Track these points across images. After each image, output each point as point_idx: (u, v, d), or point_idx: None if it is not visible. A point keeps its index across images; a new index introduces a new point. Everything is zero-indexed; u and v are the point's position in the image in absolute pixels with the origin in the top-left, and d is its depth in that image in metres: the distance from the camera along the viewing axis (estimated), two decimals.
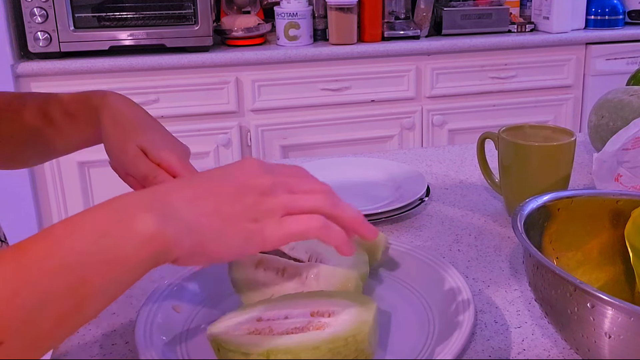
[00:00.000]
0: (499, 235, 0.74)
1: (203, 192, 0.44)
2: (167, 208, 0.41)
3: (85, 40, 2.01)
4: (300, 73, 2.12)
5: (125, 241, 0.39)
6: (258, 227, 0.44)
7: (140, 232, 0.39)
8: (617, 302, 0.42)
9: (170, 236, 0.40)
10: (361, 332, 0.46)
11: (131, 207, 0.41)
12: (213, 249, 0.43)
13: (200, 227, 0.42)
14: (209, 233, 0.42)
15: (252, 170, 0.46)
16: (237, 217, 0.43)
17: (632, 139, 0.73)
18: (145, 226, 0.39)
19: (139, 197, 0.42)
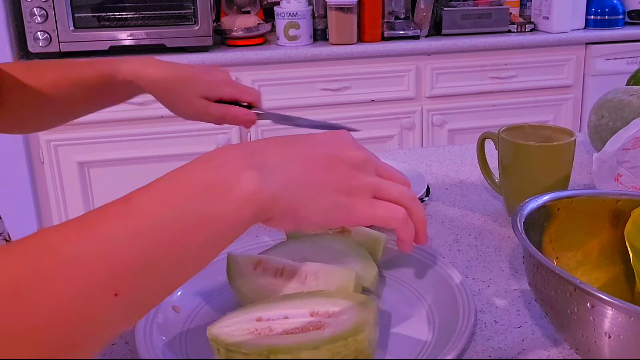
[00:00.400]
0: (499, 235, 0.74)
1: (298, 155, 0.44)
2: (267, 166, 0.41)
3: (85, 40, 2.01)
4: (300, 73, 2.12)
5: (228, 198, 0.39)
6: (348, 201, 0.44)
7: (243, 190, 0.39)
8: (617, 302, 0.42)
9: (270, 194, 0.40)
10: (361, 332, 0.46)
11: (233, 163, 0.40)
12: (303, 213, 0.42)
13: (295, 189, 0.42)
14: (301, 196, 0.42)
15: (345, 142, 0.47)
16: (329, 185, 0.44)
17: (632, 139, 0.73)
18: (247, 183, 0.39)
19: (239, 152, 0.41)
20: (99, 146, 2.03)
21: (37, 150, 2.01)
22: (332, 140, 0.47)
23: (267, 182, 0.40)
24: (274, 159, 0.42)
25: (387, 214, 0.46)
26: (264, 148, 0.43)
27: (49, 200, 2.06)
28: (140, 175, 1.36)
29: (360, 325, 0.47)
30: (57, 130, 2.00)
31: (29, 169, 2.01)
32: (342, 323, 0.47)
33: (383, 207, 0.46)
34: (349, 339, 0.46)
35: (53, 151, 2.01)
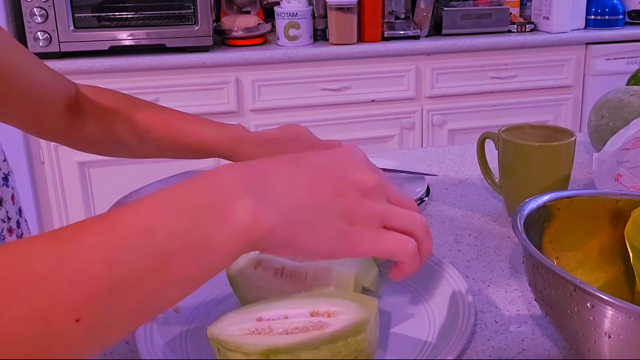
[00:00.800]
0: (499, 235, 0.74)
1: (303, 178, 0.41)
2: (267, 191, 0.38)
3: (85, 40, 2.01)
4: (300, 73, 2.12)
5: (221, 227, 0.36)
6: (352, 232, 0.41)
7: (238, 220, 0.36)
8: (617, 302, 0.42)
9: (267, 227, 0.37)
10: (361, 332, 0.46)
11: (230, 187, 0.37)
12: (303, 243, 0.39)
13: (296, 217, 0.39)
14: (302, 225, 0.39)
15: (357, 162, 0.44)
16: (334, 214, 0.40)
17: (632, 139, 0.73)
18: (243, 214, 0.36)
19: (238, 173, 0.38)
20: None
21: (38, 151, 2.01)
22: (342, 159, 0.44)
23: (265, 212, 0.37)
24: (276, 183, 0.39)
25: (395, 246, 0.43)
26: (266, 169, 0.40)
27: (49, 200, 2.06)
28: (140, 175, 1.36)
29: (360, 325, 0.47)
30: None
31: (29, 169, 2.01)
32: (342, 323, 0.47)
33: (391, 239, 0.43)
34: (349, 339, 0.46)
35: (53, 151, 2.01)
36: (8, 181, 0.70)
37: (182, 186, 0.37)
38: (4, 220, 0.68)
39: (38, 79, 0.74)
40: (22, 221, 0.74)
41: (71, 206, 2.07)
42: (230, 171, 0.38)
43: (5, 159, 0.71)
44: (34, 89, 0.73)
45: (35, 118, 0.76)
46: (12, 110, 0.73)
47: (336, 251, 0.41)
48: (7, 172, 0.71)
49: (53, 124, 0.77)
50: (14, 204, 0.71)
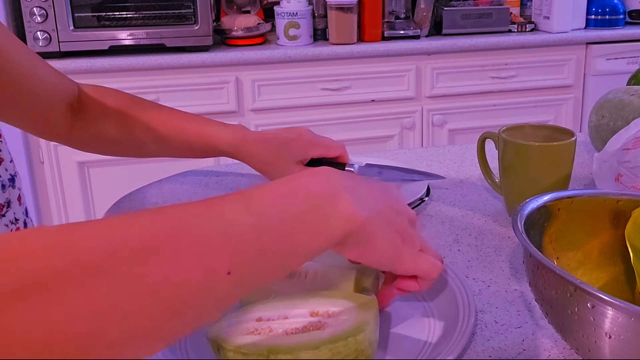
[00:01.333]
0: (499, 235, 0.74)
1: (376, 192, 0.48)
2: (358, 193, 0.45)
3: (85, 39, 2.01)
4: (300, 73, 2.12)
5: (330, 212, 0.42)
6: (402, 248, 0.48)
7: (343, 209, 0.42)
8: (618, 302, 0.42)
9: (360, 220, 0.43)
10: (361, 332, 0.46)
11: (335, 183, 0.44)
12: (374, 245, 0.45)
13: (376, 220, 0.45)
14: (378, 229, 0.45)
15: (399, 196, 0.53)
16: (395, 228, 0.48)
17: (633, 139, 0.73)
18: (346, 204, 0.43)
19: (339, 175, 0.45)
20: None
21: (37, 150, 2.01)
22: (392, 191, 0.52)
23: (359, 208, 0.43)
24: (363, 189, 0.46)
25: (430, 267, 0.51)
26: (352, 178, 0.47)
27: (49, 200, 2.06)
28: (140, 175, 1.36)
29: (360, 325, 0.47)
30: None
31: (28, 169, 2.01)
32: (342, 323, 0.47)
33: (427, 262, 0.51)
34: (349, 339, 0.46)
35: (53, 151, 2.01)
36: (15, 182, 0.70)
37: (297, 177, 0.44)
38: (12, 222, 0.68)
39: (42, 79, 0.74)
40: (29, 221, 0.73)
41: (71, 206, 2.07)
42: (333, 171, 0.46)
43: (11, 159, 0.71)
44: (38, 89, 0.74)
45: (37, 118, 0.77)
46: (16, 110, 0.73)
47: (389, 263, 0.48)
48: (14, 173, 0.71)
49: (55, 124, 0.78)
50: (21, 204, 0.71)
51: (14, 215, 0.69)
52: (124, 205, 0.87)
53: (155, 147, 0.82)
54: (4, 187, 0.67)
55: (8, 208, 0.69)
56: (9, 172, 0.69)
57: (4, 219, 0.67)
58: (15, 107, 0.72)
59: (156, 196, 0.90)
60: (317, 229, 0.41)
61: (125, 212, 0.81)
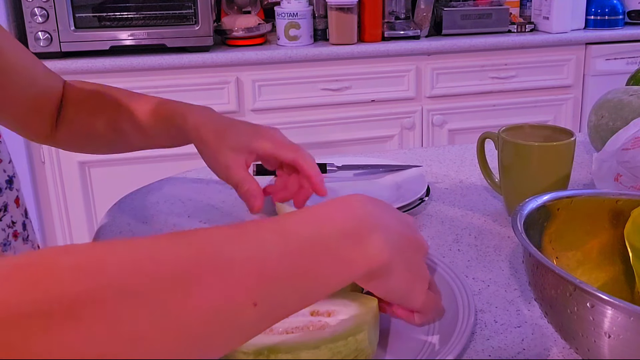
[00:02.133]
0: (499, 235, 0.74)
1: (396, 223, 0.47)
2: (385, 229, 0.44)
3: (85, 40, 2.01)
4: (301, 73, 2.12)
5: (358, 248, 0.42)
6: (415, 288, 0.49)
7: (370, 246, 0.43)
8: (617, 302, 0.42)
9: (385, 259, 0.43)
10: (361, 332, 0.46)
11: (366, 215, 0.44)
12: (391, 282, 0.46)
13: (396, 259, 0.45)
14: (396, 267, 0.45)
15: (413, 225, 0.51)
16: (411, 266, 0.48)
17: (632, 139, 0.73)
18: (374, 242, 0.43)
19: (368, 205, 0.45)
20: None
21: (38, 150, 2.01)
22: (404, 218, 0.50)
23: (385, 246, 0.43)
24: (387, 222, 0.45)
25: (433, 306, 0.51)
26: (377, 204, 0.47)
27: (50, 200, 2.06)
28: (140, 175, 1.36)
29: (360, 325, 0.47)
30: None
31: (29, 169, 2.01)
32: (342, 323, 0.47)
33: (432, 299, 0.51)
34: (349, 339, 0.46)
35: (54, 151, 2.01)
36: (12, 184, 0.69)
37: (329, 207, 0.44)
38: (9, 225, 0.67)
39: (37, 79, 0.74)
40: (28, 222, 0.73)
41: (71, 206, 2.07)
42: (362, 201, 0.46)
43: (10, 160, 0.71)
44: (33, 89, 0.73)
45: (27, 117, 0.76)
46: (8, 109, 0.73)
47: (402, 298, 0.48)
48: (12, 174, 0.70)
49: (40, 123, 0.77)
50: (19, 206, 0.70)
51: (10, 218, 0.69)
52: (125, 205, 0.87)
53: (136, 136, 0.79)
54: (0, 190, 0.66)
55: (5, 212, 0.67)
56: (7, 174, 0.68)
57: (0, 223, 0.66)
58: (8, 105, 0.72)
59: (157, 196, 0.90)
60: (343, 262, 0.41)
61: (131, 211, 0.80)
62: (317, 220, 0.42)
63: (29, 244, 0.71)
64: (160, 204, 0.87)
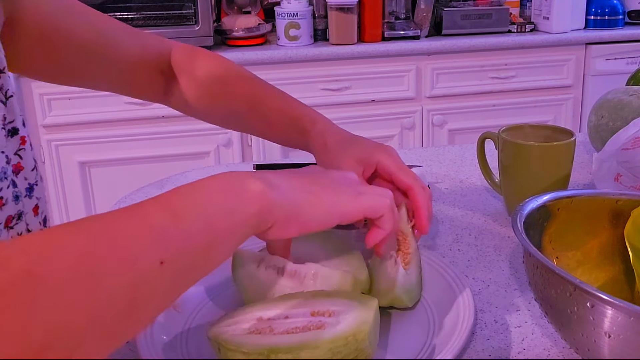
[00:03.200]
0: (499, 235, 0.74)
1: (299, 176, 0.50)
2: (271, 180, 0.47)
3: None
4: (301, 73, 2.12)
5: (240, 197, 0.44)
6: (339, 199, 0.50)
7: (251, 190, 0.44)
8: (617, 302, 0.42)
9: (273, 198, 0.45)
10: (361, 332, 0.46)
11: (242, 175, 0.46)
12: (303, 219, 0.47)
13: (296, 198, 0.47)
14: (301, 204, 0.47)
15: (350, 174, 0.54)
16: (321, 188, 0.49)
17: (632, 139, 0.73)
18: (255, 186, 0.45)
19: (247, 172, 0.47)
20: (100, 146, 2.03)
21: (38, 150, 2.01)
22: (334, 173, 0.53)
23: (270, 190, 0.45)
24: (277, 179, 0.48)
25: (374, 201, 0.51)
26: (267, 173, 0.48)
27: (50, 200, 2.06)
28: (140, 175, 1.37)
29: (360, 325, 0.47)
30: (58, 130, 2.00)
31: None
32: (342, 323, 0.47)
33: (369, 196, 0.51)
34: (349, 339, 0.46)
35: (54, 151, 2.01)
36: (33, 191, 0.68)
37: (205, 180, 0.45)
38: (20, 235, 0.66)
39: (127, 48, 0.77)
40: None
41: (72, 206, 2.07)
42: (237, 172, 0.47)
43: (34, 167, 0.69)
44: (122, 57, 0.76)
45: (128, 84, 0.79)
46: (104, 78, 0.77)
47: (330, 217, 0.49)
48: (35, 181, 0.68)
49: (145, 88, 0.81)
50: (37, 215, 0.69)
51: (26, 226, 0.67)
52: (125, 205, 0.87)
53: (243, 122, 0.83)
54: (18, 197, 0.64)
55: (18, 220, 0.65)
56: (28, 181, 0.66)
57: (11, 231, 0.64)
58: (102, 75, 0.76)
59: None
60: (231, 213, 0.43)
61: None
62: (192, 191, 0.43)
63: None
64: None
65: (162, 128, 2.02)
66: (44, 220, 0.70)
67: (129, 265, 0.36)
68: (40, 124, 1.99)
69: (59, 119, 1.99)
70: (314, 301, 0.50)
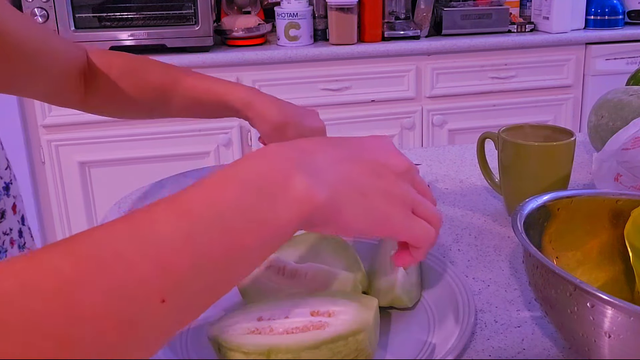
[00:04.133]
0: (499, 235, 0.74)
1: (344, 157, 0.43)
2: (315, 168, 0.40)
3: (85, 40, 2.01)
4: (301, 73, 2.12)
5: (279, 201, 0.37)
6: (389, 212, 0.43)
7: (293, 195, 0.38)
8: (617, 302, 0.42)
9: (318, 201, 0.39)
10: (361, 332, 0.46)
11: (283, 162, 0.39)
12: (346, 219, 0.41)
13: (340, 192, 0.41)
14: (347, 201, 0.41)
15: (389, 148, 0.47)
16: (373, 192, 0.42)
17: (632, 139, 0.73)
18: (298, 188, 0.38)
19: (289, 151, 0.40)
20: (100, 146, 2.03)
21: (38, 151, 2.01)
22: (377, 145, 0.47)
23: (316, 187, 0.39)
24: (322, 161, 0.41)
25: (423, 234, 0.45)
26: (312, 149, 0.42)
27: (50, 200, 2.06)
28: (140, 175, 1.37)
29: (360, 325, 0.47)
30: (58, 130, 2.00)
31: (29, 169, 2.01)
32: (342, 323, 0.47)
33: (420, 226, 0.45)
34: (349, 339, 0.46)
35: (54, 151, 2.01)
36: (9, 190, 0.68)
37: (239, 165, 0.39)
38: (5, 233, 0.66)
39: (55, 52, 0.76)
40: (25, 229, 0.71)
41: (71, 206, 2.07)
42: (281, 149, 0.40)
43: (7, 166, 0.70)
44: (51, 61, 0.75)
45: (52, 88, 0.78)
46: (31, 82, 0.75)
47: (374, 229, 0.43)
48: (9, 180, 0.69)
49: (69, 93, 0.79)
50: (16, 213, 0.69)
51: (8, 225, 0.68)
52: (125, 205, 0.87)
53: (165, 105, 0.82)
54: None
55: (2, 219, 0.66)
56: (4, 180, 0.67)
57: None
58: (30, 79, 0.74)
59: (157, 196, 0.90)
60: (264, 223, 0.36)
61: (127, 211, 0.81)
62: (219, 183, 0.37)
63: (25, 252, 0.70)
64: None
65: (162, 128, 2.02)
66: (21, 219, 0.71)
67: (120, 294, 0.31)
68: (40, 124, 1.99)
69: (59, 119, 1.99)
70: (314, 301, 0.50)
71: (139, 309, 0.32)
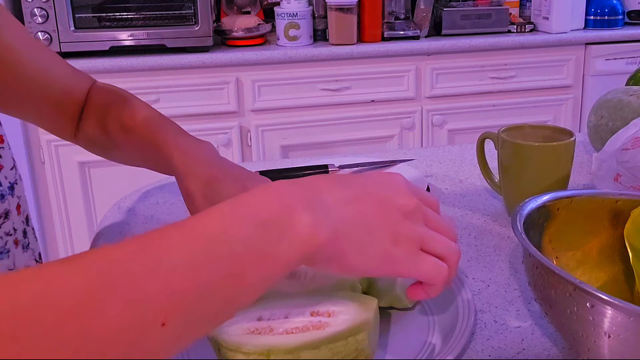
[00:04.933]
0: (499, 235, 0.74)
1: (352, 197, 0.43)
2: (321, 207, 0.40)
3: (85, 40, 2.01)
4: (300, 73, 2.12)
5: (283, 238, 0.38)
6: (394, 252, 0.43)
7: (299, 232, 0.38)
8: (617, 302, 0.42)
9: (322, 239, 0.39)
10: (361, 332, 0.46)
11: (289, 200, 0.40)
12: (349, 259, 0.41)
13: (346, 233, 0.41)
14: (351, 241, 0.41)
15: (399, 187, 0.46)
16: (380, 233, 0.43)
17: (632, 139, 0.73)
18: (303, 225, 0.39)
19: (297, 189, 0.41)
20: None
21: (38, 151, 2.01)
22: (385, 183, 0.46)
23: (320, 226, 0.39)
24: (329, 200, 0.42)
25: (432, 271, 0.45)
26: (319, 187, 0.43)
27: (50, 200, 2.06)
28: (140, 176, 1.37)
29: (360, 325, 0.47)
30: None
31: (29, 169, 2.01)
32: (342, 323, 0.47)
33: (428, 263, 0.45)
34: (349, 339, 0.46)
35: (54, 151, 2.01)
36: (14, 190, 0.68)
37: (247, 199, 0.40)
38: (9, 233, 0.66)
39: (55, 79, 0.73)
40: (29, 230, 0.71)
41: (71, 206, 2.07)
42: (289, 186, 0.41)
43: (13, 166, 0.69)
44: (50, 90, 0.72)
45: (50, 117, 0.75)
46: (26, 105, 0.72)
47: (377, 269, 0.43)
48: (14, 180, 0.68)
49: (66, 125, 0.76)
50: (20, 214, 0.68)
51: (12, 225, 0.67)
52: (125, 205, 0.87)
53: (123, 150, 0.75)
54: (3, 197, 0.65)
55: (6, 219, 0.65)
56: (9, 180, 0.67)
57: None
58: (26, 102, 0.71)
59: (156, 196, 0.90)
60: (267, 257, 0.37)
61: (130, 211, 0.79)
62: (230, 217, 0.38)
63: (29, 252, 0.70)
64: (160, 204, 0.88)
65: None
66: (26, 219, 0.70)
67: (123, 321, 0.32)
68: None
69: None
70: (313, 301, 0.50)
71: (142, 329, 0.33)
